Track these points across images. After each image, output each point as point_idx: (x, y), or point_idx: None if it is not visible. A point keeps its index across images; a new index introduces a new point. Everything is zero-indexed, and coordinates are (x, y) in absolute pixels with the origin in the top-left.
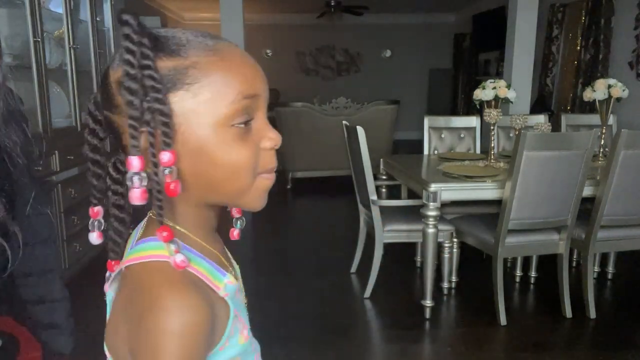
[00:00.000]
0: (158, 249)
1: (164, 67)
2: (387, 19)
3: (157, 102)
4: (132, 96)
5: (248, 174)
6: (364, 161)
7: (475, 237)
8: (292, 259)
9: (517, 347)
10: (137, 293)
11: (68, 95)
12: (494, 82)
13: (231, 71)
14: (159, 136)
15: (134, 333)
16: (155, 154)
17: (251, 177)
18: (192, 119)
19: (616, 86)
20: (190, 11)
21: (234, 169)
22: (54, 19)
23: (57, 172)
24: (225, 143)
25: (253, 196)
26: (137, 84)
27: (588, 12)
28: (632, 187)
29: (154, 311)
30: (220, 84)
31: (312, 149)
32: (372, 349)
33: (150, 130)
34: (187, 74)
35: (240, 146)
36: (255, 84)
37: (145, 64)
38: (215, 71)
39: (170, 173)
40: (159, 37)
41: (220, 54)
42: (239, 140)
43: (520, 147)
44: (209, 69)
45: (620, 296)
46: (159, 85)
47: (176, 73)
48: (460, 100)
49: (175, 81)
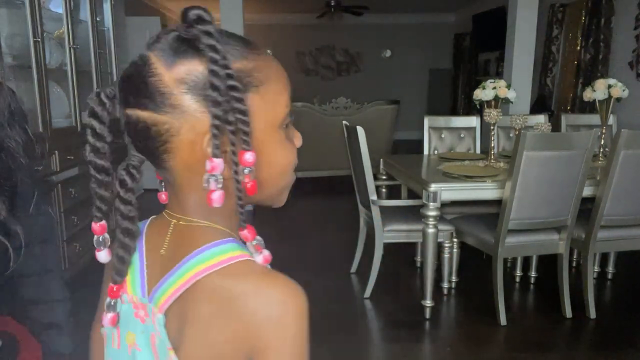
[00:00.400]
0: (234, 251)
1: (234, 69)
2: (387, 19)
3: (238, 101)
4: (221, 97)
5: (291, 172)
6: (364, 161)
7: (475, 237)
8: (292, 259)
9: (517, 347)
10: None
11: (68, 95)
12: (494, 82)
13: (282, 75)
14: (240, 136)
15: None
16: (236, 154)
17: (291, 174)
18: (258, 120)
19: (616, 86)
20: None
21: (285, 167)
22: (54, 19)
23: (57, 172)
24: (280, 143)
25: (283, 194)
26: (223, 83)
27: (588, 12)
28: (632, 187)
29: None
30: (278, 87)
31: (312, 149)
32: (372, 349)
33: (232, 130)
34: (254, 75)
35: (289, 146)
36: (289, 87)
37: (227, 63)
38: (272, 75)
39: (250, 172)
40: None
41: (269, 59)
42: (287, 140)
43: (520, 147)
44: (268, 72)
45: (620, 296)
46: (240, 85)
47: (245, 75)
48: (460, 100)
49: (246, 82)
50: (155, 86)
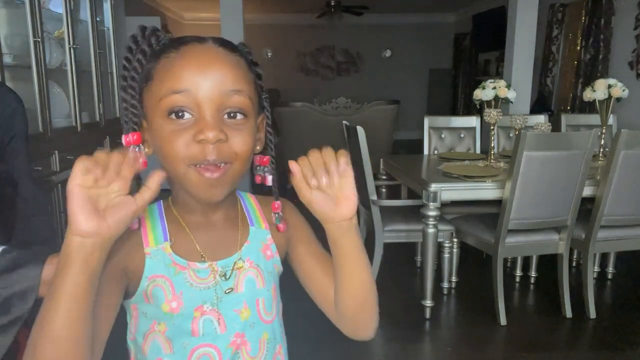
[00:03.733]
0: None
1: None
2: (387, 19)
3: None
4: (122, 91)
5: (178, 163)
6: (364, 161)
7: (475, 237)
8: None
9: (517, 347)
10: None
11: (68, 95)
12: (494, 82)
13: (169, 69)
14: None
15: None
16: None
17: (182, 167)
18: (147, 110)
19: (616, 86)
20: (190, 11)
21: (166, 156)
22: (54, 19)
23: (57, 172)
24: (160, 132)
25: (190, 186)
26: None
27: (588, 12)
28: (632, 187)
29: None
30: (158, 81)
31: (312, 148)
32: (372, 348)
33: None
34: (148, 73)
35: (172, 136)
36: (189, 80)
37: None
38: (160, 72)
39: (138, 151)
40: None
41: (175, 54)
42: (172, 132)
43: (520, 147)
44: (158, 70)
45: (620, 296)
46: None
47: (147, 72)
48: (460, 100)
49: (145, 79)
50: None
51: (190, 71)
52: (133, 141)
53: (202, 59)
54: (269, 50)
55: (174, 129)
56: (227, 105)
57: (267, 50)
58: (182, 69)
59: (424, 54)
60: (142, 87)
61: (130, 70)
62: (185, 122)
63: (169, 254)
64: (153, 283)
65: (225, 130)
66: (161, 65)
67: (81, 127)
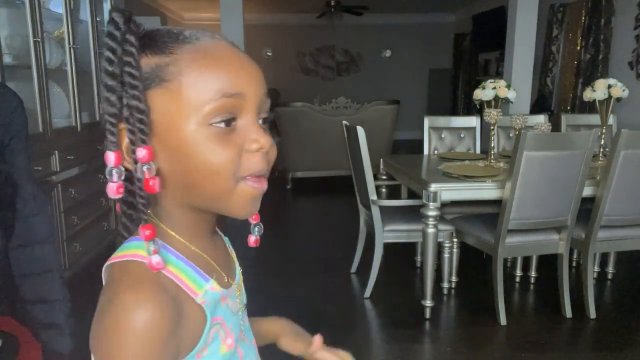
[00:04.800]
0: (138, 249)
1: (147, 64)
2: (387, 19)
3: (133, 98)
4: (108, 93)
5: (227, 177)
6: (364, 161)
7: (475, 237)
8: (292, 259)
9: (517, 347)
10: (104, 290)
11: (68, 95)
12: (494, 82)
13: (211, 69)
14: (137, 133)
15: (94, 329)
16: (134, 151)
17: (231, 181)
18: (171, 117)
19: (616, 86)
20: (190, 11)
21: (211, 170)
22: (54, 19)
23: (57, 172)
24: (203, 143)
25: (235, 202)
26: (115, 80)
27: (588, 12)
28: (632, 187)
29: (111, 307)
30: (198, 81)
31: (312, 149)
32: (372, 348)
33: (130, 127)
34: (166, 71)
35: (219, 147)
36: (239, 83)
37: (126, 60)
38: (194, 69)
39: (148, 170)
40: (151, 34)
41: (204, 52)
42: (218, 141)
43: (520, 147)
44: (188, 66)
45: (620, 296)
46: (136, 82)
47: (157, 70)
48: (460, 100)
49: (154, 78)
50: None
51: (237, 72)
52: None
53: (240, 58)
54: (269, 50)
55: (219, 138)
56: (264, 109)
57: (267, 50)
58: (228, 69)
59: (424, 54)
60: (148, 88)
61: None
62: (230, 129)
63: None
64: (215, 327)
65: None
66: (186, 63)
67: (81, 127)
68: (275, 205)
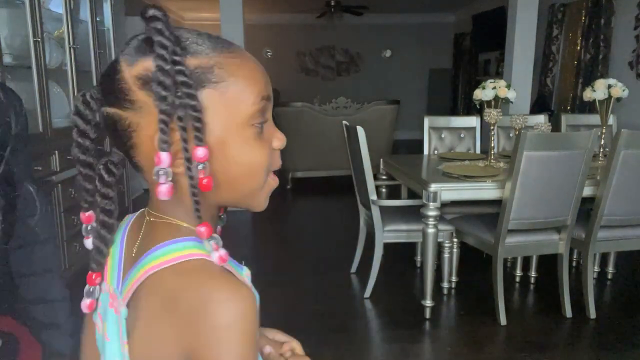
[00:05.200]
0: (190, 249)
1: (190, 65)
2: (387, 19)
3: (188, 97)
4: (165, 91)
5: (263, 173)
6: (364, 161)
7: (475, 237)
8: (292, 258)
9: (517, 347)
10: (182, 294)
11: (68, 95)
12: (494, 82)
13: (253, 73)
14: (191, 132)
15: (192, 333)
16: (188, 149)
17: (265, 177)
18: (216, 116)
19: (616, 86)
20: (190, 11)
21: (252, 167)
22: (54, 19)
23: (57, 172)
24: (246, 142)
25: (262, 196)
26: (170, 79)
27: (588, 12)
28: (632, 187)
29: (211, 306)
30: (244, 84)
31: (312, 149)
32: (372, 348)
33: (183, 125)
34: (213, 72)
35: (257, 145)
36: (268, 87)
37: (177, 59)
38: (239, 72)
39: (204, 168)
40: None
41: (239, 57)
42: (256, 140)
43: (520, 147)
44: (233, 69)
45: (620, 296)
46: (190, 81)
47: (202, 71)
48: (460, 100)
49: (203, 79)
50: (118, 83)
51: (266, 77)
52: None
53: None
54: (269, 50)
55: (257, 137)
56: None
57: (267, 50)
58: (261, 74)
59: (424, 54)
60: (199, 88)
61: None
62: (261, 129)
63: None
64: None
65: None
66: (233, 67)
67: None
68: (275, 206)
